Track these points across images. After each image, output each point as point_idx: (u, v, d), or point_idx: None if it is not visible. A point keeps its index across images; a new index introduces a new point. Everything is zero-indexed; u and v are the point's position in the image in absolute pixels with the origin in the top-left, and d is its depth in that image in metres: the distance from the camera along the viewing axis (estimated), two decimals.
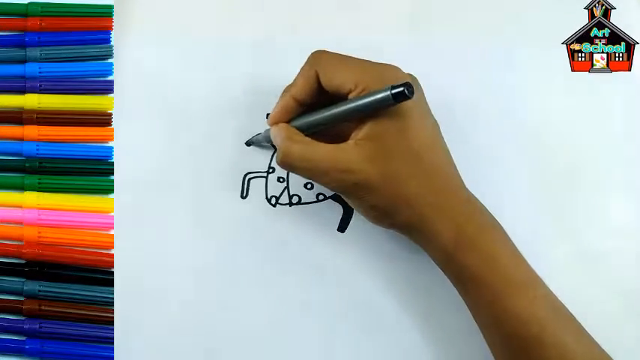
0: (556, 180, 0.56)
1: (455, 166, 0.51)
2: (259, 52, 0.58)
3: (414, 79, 0.51)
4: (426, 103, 0.51)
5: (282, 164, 0.51)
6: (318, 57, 0.51)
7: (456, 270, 0.49)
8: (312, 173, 0.50)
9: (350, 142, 0.49)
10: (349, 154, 0.48)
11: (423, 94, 0.51)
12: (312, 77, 0.50)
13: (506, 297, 0.47)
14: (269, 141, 0.53)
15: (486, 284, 0.48)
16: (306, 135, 0.51)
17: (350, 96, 0.49)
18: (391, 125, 0.48)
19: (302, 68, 0.51)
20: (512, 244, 0.49)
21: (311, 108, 0.51)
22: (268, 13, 0.59)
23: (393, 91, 0.46)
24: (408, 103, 0.47)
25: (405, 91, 0.46)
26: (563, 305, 0.48)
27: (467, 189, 0.50)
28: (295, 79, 0.52)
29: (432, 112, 0.51)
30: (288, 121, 0.52)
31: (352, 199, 0.51)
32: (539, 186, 0.56)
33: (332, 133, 0.51)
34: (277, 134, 0.51)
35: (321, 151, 0.49)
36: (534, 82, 0.58)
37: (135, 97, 0.57)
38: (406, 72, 0.50)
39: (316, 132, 0.51)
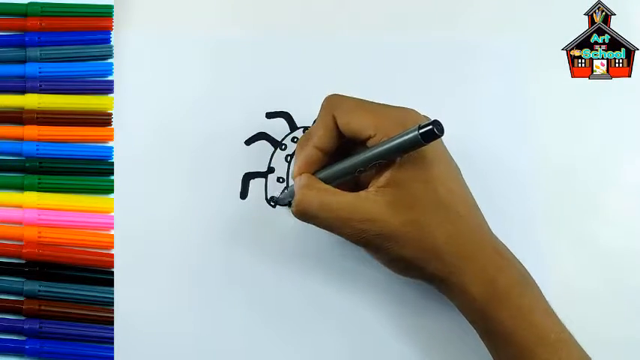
0: (556, 184, 0.56)
1: (482, 214, 0.49)
2: (259, 51, 0.58)
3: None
4: (446, 149, 0.49)
5: (298, 213, 0.48)
6: (334, 101, 0.49)
7: (485, 324, 0.47)
8: (330, 223, 0.47)
9: (370, 190, 0.47)
10: (370, 202, 0.46)
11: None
12: (331, 123, 0.48)
13: (536, 356, 0.45)
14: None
15: (517, 341, 0.45)
16: (333, 187, 0.49)
17: (370, 142, 0.47)
18: (414, 172, 0.46)
19: (319, 115, 0.49)
20: (545, 301, 0.47)
21: (336, 155, 0.49)
22: (268, 13, 0.59)
23: (421, 131, 0.43)
24: (430, 149, 0.45)
25: (435, 129, 0.43)
26: None
27: (496, 238, 0.49)
28: (314, 127, 0.50)
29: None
30: (313, 173, 0.50)
31: (376, 252, 0.48)
32: (539, 189, 0.56)
33: (353, 183, 0.49)
34: (297, 183, 0.49)
35: (341, 200, 0.47)
36: (534, 88, 0.57)
37: (135, 97, 0.57)
38: (422, 114, 0.49)
39: (342, 183, 0.49)
